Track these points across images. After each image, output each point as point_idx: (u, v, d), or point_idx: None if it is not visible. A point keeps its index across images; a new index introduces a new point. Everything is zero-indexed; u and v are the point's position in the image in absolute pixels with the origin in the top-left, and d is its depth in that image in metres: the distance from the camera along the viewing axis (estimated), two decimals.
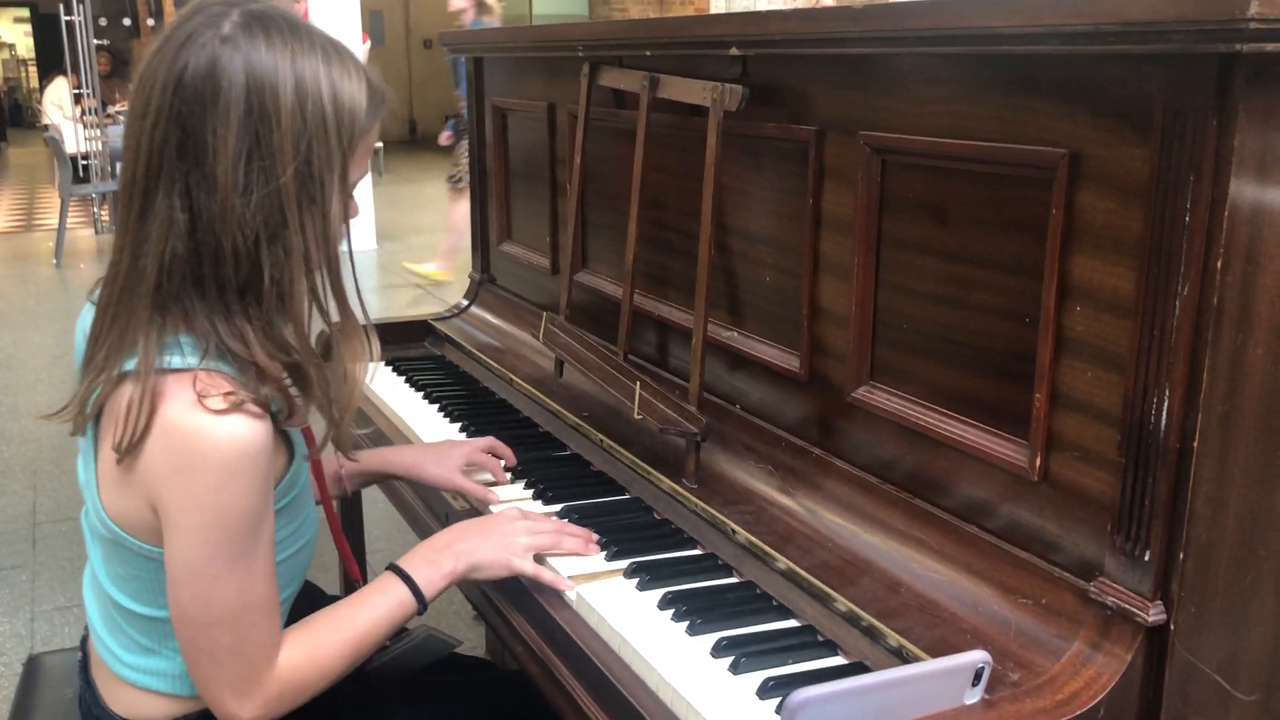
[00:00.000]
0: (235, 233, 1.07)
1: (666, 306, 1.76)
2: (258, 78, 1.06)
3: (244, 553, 1.09)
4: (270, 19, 1.09)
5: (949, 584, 1.15)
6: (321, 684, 1.19)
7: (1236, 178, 0.91)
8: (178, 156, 1.06)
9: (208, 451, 1.05)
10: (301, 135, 1.07)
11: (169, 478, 1.07)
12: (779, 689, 1.08)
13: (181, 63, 1.06)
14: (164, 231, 1.07)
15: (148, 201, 1.08)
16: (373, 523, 3.04)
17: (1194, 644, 1.01)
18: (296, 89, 1.07)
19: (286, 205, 1.08)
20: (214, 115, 1.05)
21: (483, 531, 1.33)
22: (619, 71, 1.75)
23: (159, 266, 1.08)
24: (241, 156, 1.06)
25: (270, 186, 1.07)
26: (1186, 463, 0.97)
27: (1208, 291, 0.94)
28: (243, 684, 1.13)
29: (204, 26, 1.07)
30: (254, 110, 1.06)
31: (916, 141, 1.22)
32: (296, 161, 1.07)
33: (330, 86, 1.09)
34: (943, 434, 1.22)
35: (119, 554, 1.16)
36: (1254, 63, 0.88)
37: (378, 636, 1.24)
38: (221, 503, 1.06)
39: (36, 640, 2.83)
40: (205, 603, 1.09)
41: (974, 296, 1.18)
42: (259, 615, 1.12)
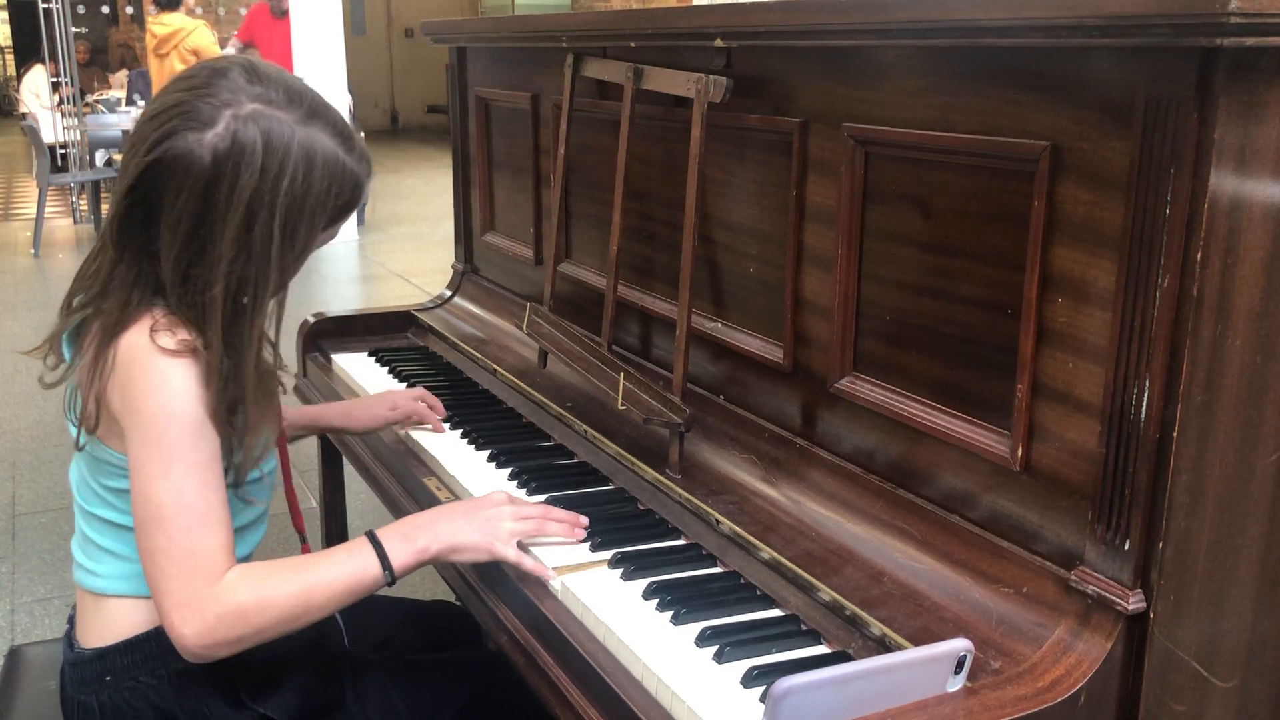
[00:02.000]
0: (219, 283, 1.19)
1: (650, 297, 1.76)
2: (271, 137, 1.19)
3: (178, 455, 1.17)
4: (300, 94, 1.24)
5: (931, 573, 1.16)
6: (264, 622, 1.18)
7: (1216, 170, 0.92)
8: (142, 226, 1.21)
9: (148, 361, 1.18)
10: (307, 190, 1.21)
11: (121, 391, 1.19)
12: (763, 678, 1.08)
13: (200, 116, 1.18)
14: (170, 237, 1.20)
15: (149, 208, 1.21)
16: (355, 514, 3.04)
17: (1173, 631, 1.02)
18: (304, 153, 1.20)
19: (275, 259, 1.21)
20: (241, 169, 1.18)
21: (466, 514, 1.33)
22: (603, 63, 1.75)
23: (150, 264, 1.22)
24: (242, 201, 1.18)
25: (266, 229, 1.20)
26: (1166, 452, 0.98)
27: (1187, 283, 0.94)
28: (180, 594, 1.16)
29: (231, 89, 1.20)
30: (267, 184, 1.18)
31: (899, 133, 1.23)
32: (285, 210, 1.20)
33: (340, 165, 1.23)
34: (925, 424, 1.23)
35: (96, 466, 1.27)
36: (1234, 57, 0.89)
37: (332, 593, 1.22)
38: (155, 403, 1.17)
39: (17, 632, 2.82)
40: (143, 500, 1.18)
41: (956, 288, 1.19)
42: (193, 521, 1.17)
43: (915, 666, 0.98)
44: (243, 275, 1.20)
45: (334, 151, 1.23)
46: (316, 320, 2.35)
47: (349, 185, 1.25)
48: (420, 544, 1.28)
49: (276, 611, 1.19)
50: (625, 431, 1.63)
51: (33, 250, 7.86)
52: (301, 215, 1.21)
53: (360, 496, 3.07)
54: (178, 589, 1.16)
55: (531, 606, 1.29)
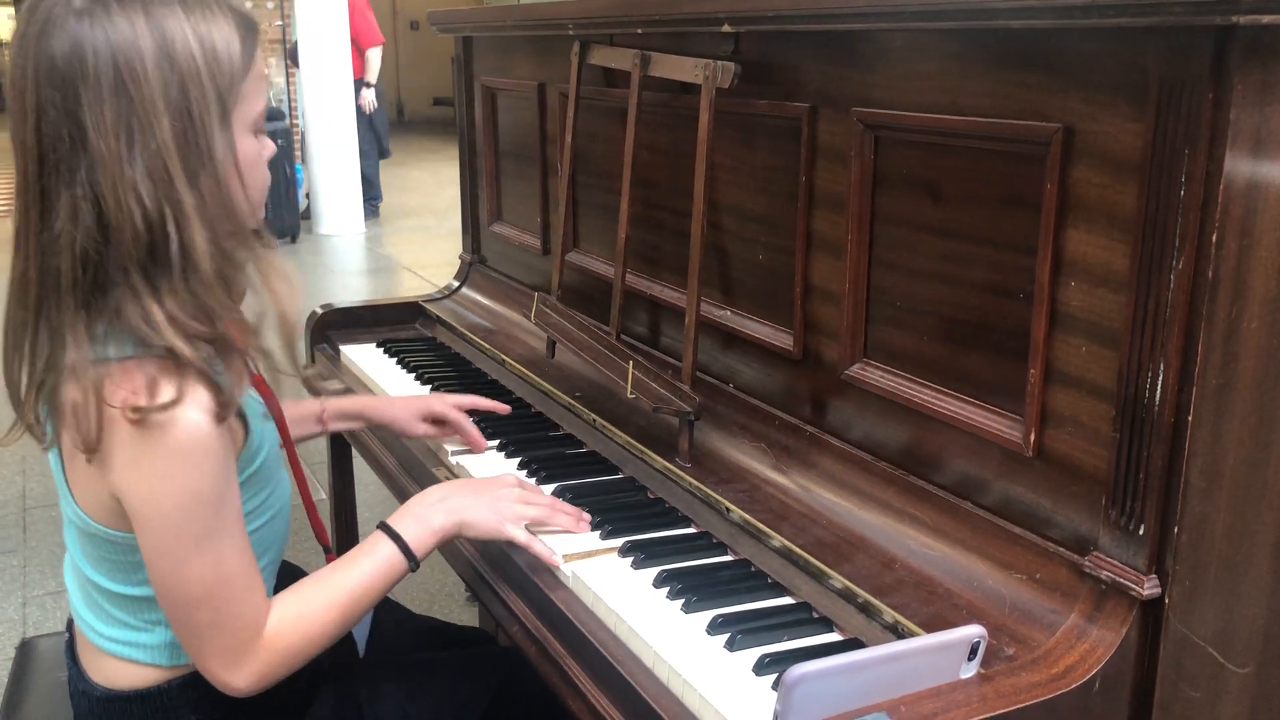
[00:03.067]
0: (131, 205, 1.03)
1: (659, 286, 1.75)
2: (118, 45, 1.02)
3: (209, 532, 1.09)
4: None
5: (944, 560, 1.15)
6: (312, 649, 1.19)
7: (1232, 152, 0.91)
8: (68, 146, 1.03)
9: (156, 441, 1.05)
10: (170, 87, 1.04)
11: (124, 469, 1.07)
12: (775, 665, 1.08)
13: (46, 53, 1.03)
14: (71, 226, 1.04)
15: (47, 202, 1.05)
16: (365, 505, 3.04)
17: (1188, 617, 1.01)
18: (158, 46, 1.03)
19: (169, 162, 1.04)
20: (86, 93, 1.02)
21: (475, 490, 1.32)
22: (610, 50, 1.74)
23: (72, 261, 1.05)
24: (120, 125, 1.03)
25: (151, 148, 1.03)
26: (1181, 437, 0.97)
27: (1202, 265, 0.94)
28: (230, 655, 1.14)
29: (55, 6, 1.03)
30: (121, 75, 1.02)
31: (910, 118, 1.22)
32: (170, 115, 1.04)
33: (194, 34, 1.05)
34: (937, 410, 1.22)
35: (91, 540, 1.18)
36: (1250, 35, 0.88)
37: (368, 598, 1.23)
38: (177, 488, 1.07)
39: (28, 625, 2.83)
40: (178, 582, 1.11)
41: (968, 272, 1.18)
42: (236, 589, 1.13)
43: (929, 653, 0.98)
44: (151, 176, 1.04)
45: (191, 33, 1.06)
46: (324, 311, 2.35)
47: (226, 63, 1.08)
48: (436, 522, 1.27)
49: (322, 637, 1.19)
50: (634, 420, 1.62)
51: None
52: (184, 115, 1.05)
53: (370, 488, 3.07)
54: (227, 651, 1.13)
55: (542, 596, 1.28)
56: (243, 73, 1.10)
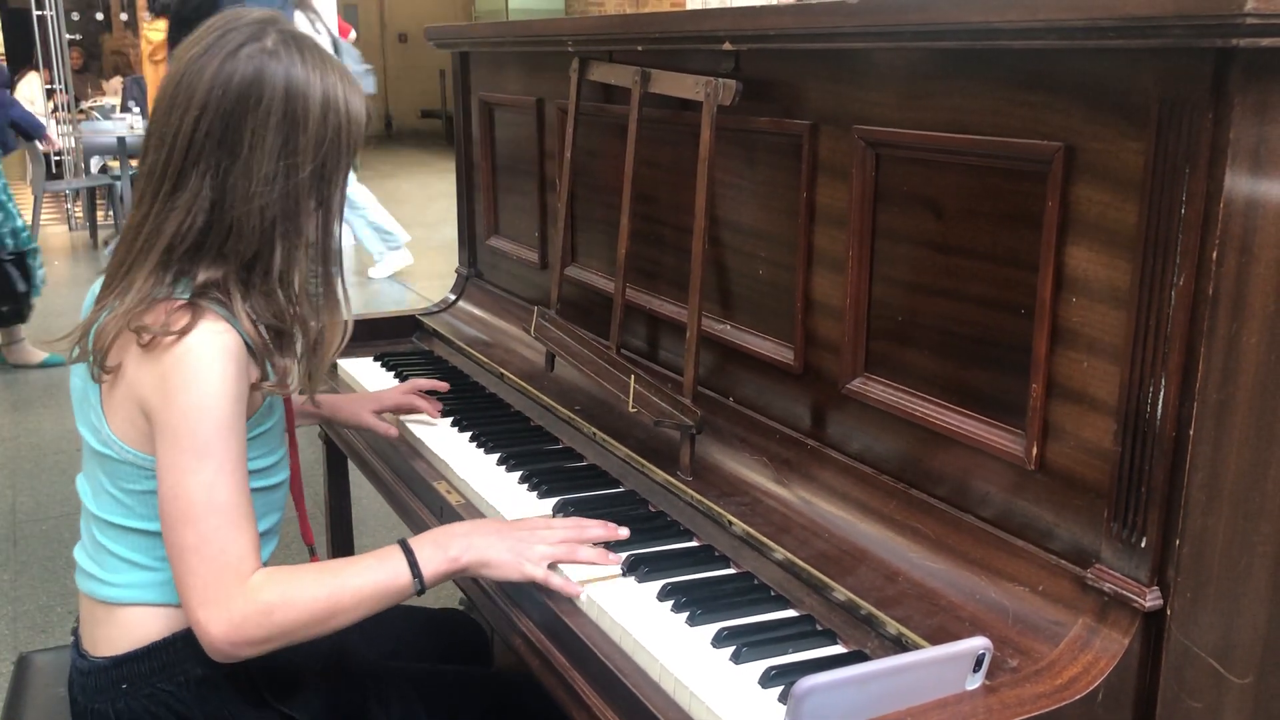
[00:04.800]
0: (255, 215, 1.23)
1: (659, 300, 1.77)
2: (294, 89, 1.24)
3: (210, 452, 1.18)
4: (301, 40, 1.28)
5: (947, 572, 1.17)
6: (290, 623, 1.18)
7: (1231, 170, 0.92)
8: (217, 145, 1.23)
9: (178, 352, 1.19)
10: (322, 141, 1.26)
11: (148, 380, 1.20)
12: (781, 678, 1.09)
13: (230, 69, 1.23)
14: (189, 205, 1.23)
15: (181, 180, 1.23)
16: (359, 520, 3.04)
17: (1189, 629, 1.02)
18: (323, 103, 1.25)
19: (302, 197, 1.26)
20: (254, 116, 1.22)
21: (500, 531, 1.32)
22: (610, 66, 1.75)
23: (175, 230, 1.23)
24: (273, 152, 1.23)
25: (292, 181, 1.25)
26: (1182, 450, 0.99)
27: (1203, 282, 0.95)
28: (208, 591, 1.17)
29: (249, 40, 1.24)
30: (288, 115, 1.24)
31: (910, 135, 1.23)
32: (315, 162, 1.25)
33: (347, 102, 1.28)
34: (939, 425, 1.23)
35: (118, 470, 1.27)
36: (1249, 57, 0.89)
37: (361, 598, 1.22)
38: (188, 400, 1.18)
39: (20, 640, 2.81)
40: (173, 495, 1.18)
41: (969, 288, 1.20)
42: (223, 520, 1.18)
43: (934, 665, 0.99)
44: (284, 201, 1.25)
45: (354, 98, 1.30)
46: None
47: (358, 131, 1.31)
48: (453, 553, 1.27)
49: (303, 613, 1.19)
50: (634, 434, 1.63)
51: None
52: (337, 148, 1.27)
53: (362, 503, 3.07)
54: (205, 586, 1.17)
55: (546, 609, 1.29)
56: (359, 145, 1.32)
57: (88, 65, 11.55)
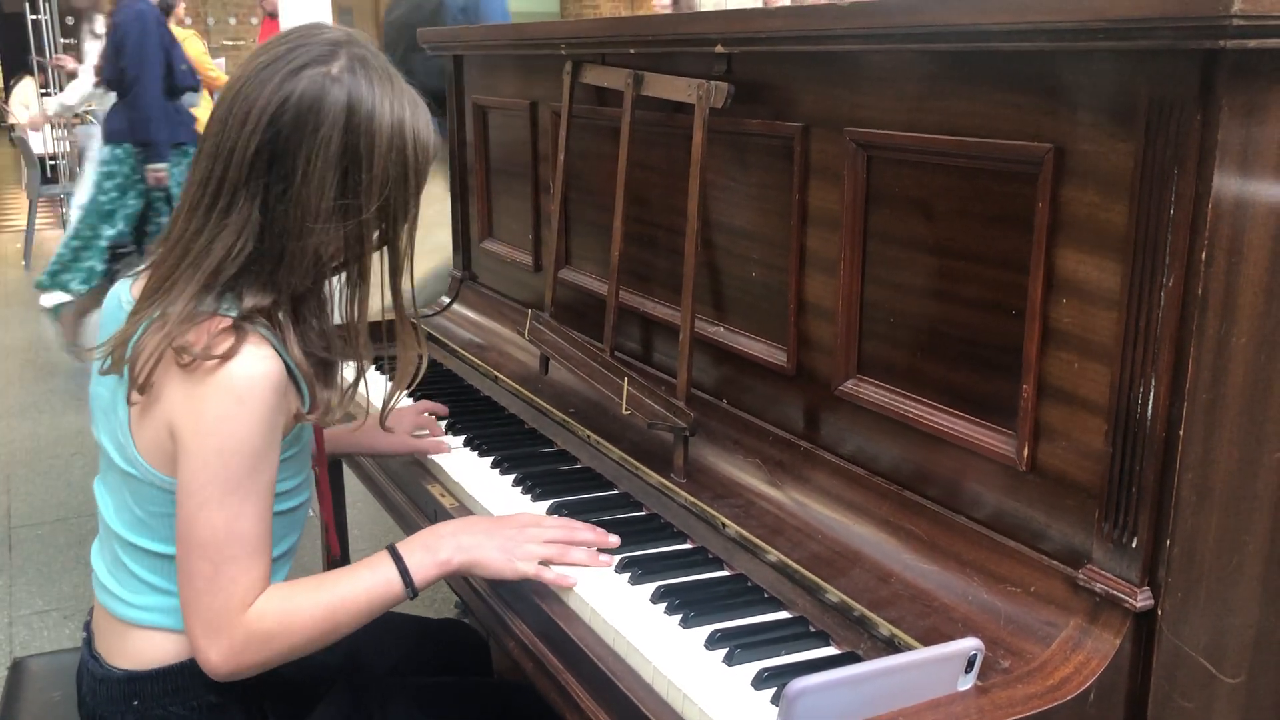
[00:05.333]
0: (310, 253, 1.18)
1: (652, 302, 1.77)
2: (357, 120, 1.16)
3: (239, 486, 1.15)
4: (370, 65, 1.20)
5: (939, 574, 1.17)
6: (288, 644, 1.19)
7: (1220, 171, 0.93)
8: (268, 168, 1.16)
9: (220, 379, 1.13)
10: (387, 179, 1.19)
11: (184, 402, 1.15)
12: (774, 679, 1.09)
13: (289, 88, 1.15)
14: (241, 227, 1.17)
15: (234, 200, 1.17)
16: (355, 524, 3.04)
17: (1180, 628, 1.03)
18: (389, 136, 1.18)
19: (365, 237, 1.21)
20: (311, 142, 1.15)
21: (489, 530, 1.32)
22: (602, 69, 1.75)
23: (225, 254, 1.17)
24: (330, 186, 1.16)
25: (352, 222, 1.19)
26: (1173, 451, 0.99)
27: (1192, 283, 0.95)
28: (214, 621, 1.16)
29: (315, 62, 1.17)
30: (349, 149, 1.16)
31: (902, 137, 1.23)
32: (379, 201, 1.19)
33: (414, 134, 1.21)
34: (931, 426, 1.23)
35: (141, 491, 1.23)
36: (1236, 59, 0.90)
37: (356, 610, 1.23)
38: (225, 430, 1.14)
39: (15, 645, 2.81)
40: (193, 524, 1.16)
41: (960, 290, 1.20)
42: (240, 552, 1.16)
43: (926, 666, 0.99)
44: (342, 241, 1.19)
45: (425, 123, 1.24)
46: None
47: (426, 162, 1.25)
48: (442, 555, 1.28)
49: (302, 634, 1.20)
50: (628, 436, 1.63)
51: (23, 262, 7.84)
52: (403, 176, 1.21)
53: (358, 506, 3.06)
54: (211, 616, 1.16)
55: (540, 612, 1.29)
56: (426, 177, 1.25)
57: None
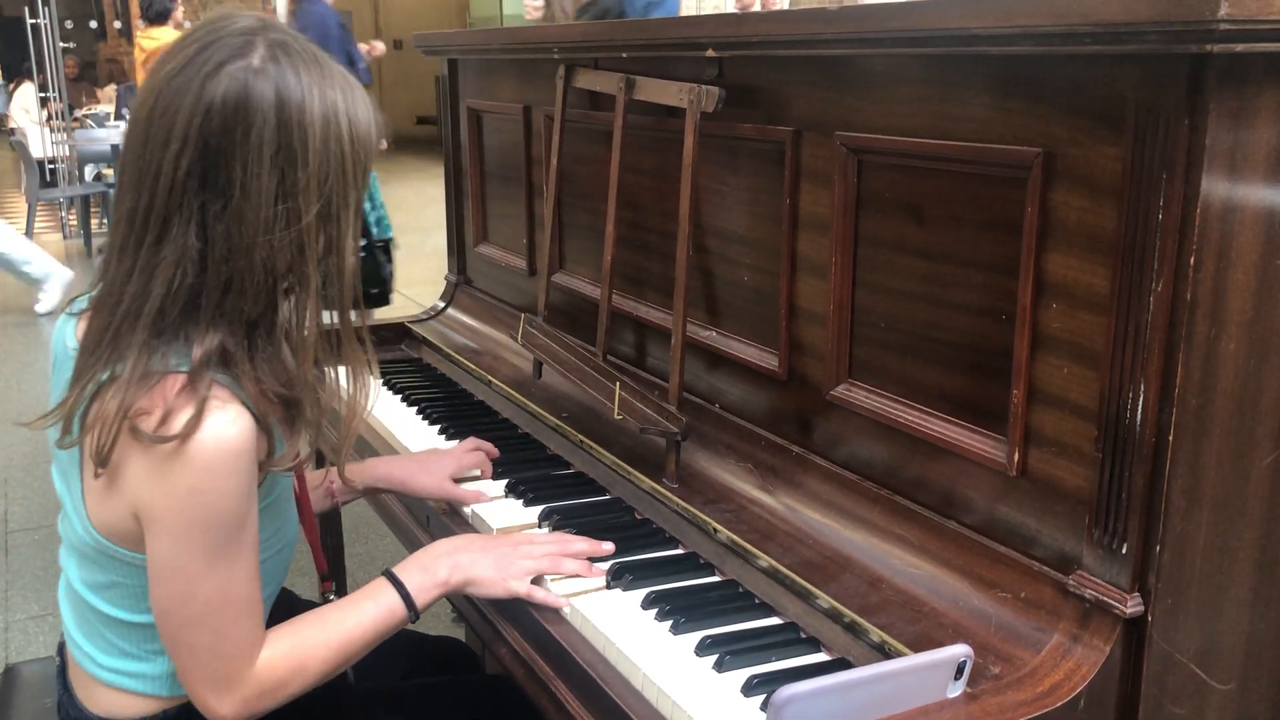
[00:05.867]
0: (259, 270, 1.07)
1: (645, 307, 1.76)
2: (288, 114, 1.05)
3: (225, 553, 1.09)
4: (293, 49, 1.09)
5: (929, 579, 1.16)
6: (302, 685, 1.19)
7: (1208, 176, 0.92)
8: (200, 187, 1.06)
9: (188, 453, 1.04)
10: (325, 176, 1.08)
11: (150, 479, 1.06)
12: (763, 686, 1.08)
13: (211, 93, 1.04)
14: (177, 258, 1.06)
15: (166, 229, 1.06)
16: (350, 528, 3.03)
17: (1171, 635, 1.02)
18: (324, 125, 1.07)
19: (308, 244, 1.09)
20: (244, 148, 1.05)
21: (483, 547, 1.31)
22: (595, 73, 1.75)
23: (165, 291, 1.06)
24: (270, 194, 1.06)
25: (294, 228, 1.07)
26: (1162, 456, 0.98)
27: (1181, 288, 0.95)
28: (222, 681, 1.13)
29: (233, 57, 1.06)
30: (283, 148, 1.06)
31: (892, 141, 1.23)
32: (320, 201, 1.08)
33: (350, 120, 1.10)
34: (921, 431, 1.23)
35: (102, 563, 1.17)
36: (1225, 63, 0.89)
37: (364, 642, 1.23)
38: (203, 502, 1.06)
39: (11, 650, 2.81)
40: (184, 600, 1.10)
41: (951, 294, 1.20)
42: (238, 614, 1.12)
43: (916, 673, 0.99)
44: (287, 250, 1.08)
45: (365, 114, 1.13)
46: None
47: (366, 154, 1.13)
48: (441, 575, 1.27)
49: (315, 673, 1.19)
50: (621, 441, 1.63)
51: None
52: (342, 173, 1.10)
53: (355, 509, 3.06)
54: (219, 678, 1.13)
55: (531, 619, 1.28)
56: (370, 167, 1.13)
57: (83, 74, 11.54)
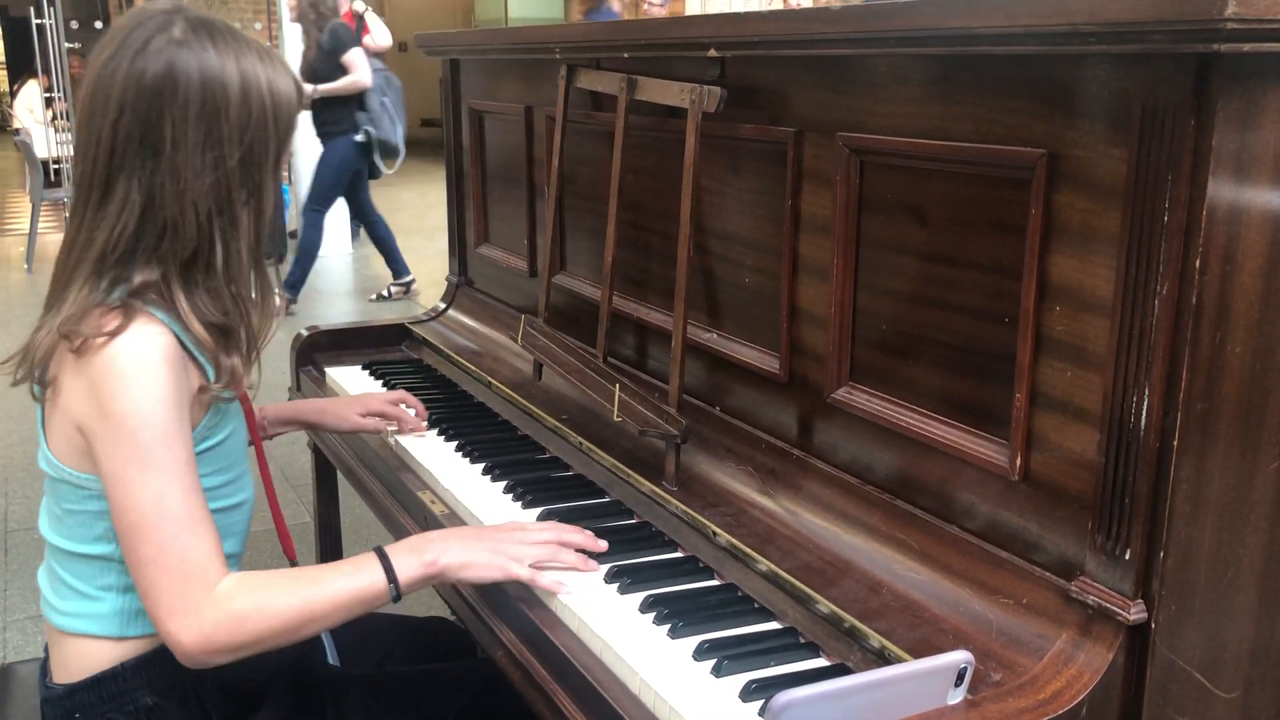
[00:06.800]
0: (189, 212, 1.20)
1: (645, 308, 1.75)
2: (209, 77, 1.19)
3: (154, 461, 1.15)
4: (212, 25, 1.23)
5: (930, 584, 1.15)
6: (263, 631, 1.17)
7: (1214, 177, 0.91)
8: (139, 147, 1.19)
9: (107, 356, 1.15)
10: (246, 127, 1.21)
11: (80, 391, 1.17)
12: (762, 691, 1.07)
13: (140, 66, 1.18)
14: (119, 210, 1.20)
15: (109, 188, 1.20)
16: (349, 529, 3.03)
17: (1175, 642, 1.01)
18: (242, 86, 1.21)
19: (233, 187, 1.22)
20: (172, 111, 1.18)
21: (480, 535, 1.32)
22: (597, 74, 1.74)
23: (107, 238, 1.20)
24: (197, 146, 1.19)
25: (220, 171, 1.21)
26: (1166, 461, 0.97)
27: (1186, 290, 0.94)
28: (175, 602, 1.15)
29: (157, 32, 1.20)
30: (207, 105, 1.19)
31: (895, 142, 1.22)
32: (242, 149, 1.21)
33: (269, 83, 1.23)
34: (923, 434, 1.22)
35: (60, 491, 1.25)
36: (1231, 63, 0.88)
37: (335, 605, 1.21)
38: (124, 406, 1.14)
39: (9, 649, 2.80)
40: (124, 510, 1.16)
41: (953, 297, 1.19)
42: (179, 528, 1.15)
43: (916, 679, 0.98)
44: (215, 194, 1.21)
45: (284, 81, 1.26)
46: (310, 333, 2.34)
47: (286, 113, 1.26)
48: (429, 557, 1.26)
49: (277, 621, 1.17)
50: (621, 443, 1.62)
51: (25, 265, 7.84)
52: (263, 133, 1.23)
53: (354, 512, 3.05)
54: (172, 598, 1.15)
55: (527, 621, 1.27)
56: (293, 125, 1.28)
57: None
